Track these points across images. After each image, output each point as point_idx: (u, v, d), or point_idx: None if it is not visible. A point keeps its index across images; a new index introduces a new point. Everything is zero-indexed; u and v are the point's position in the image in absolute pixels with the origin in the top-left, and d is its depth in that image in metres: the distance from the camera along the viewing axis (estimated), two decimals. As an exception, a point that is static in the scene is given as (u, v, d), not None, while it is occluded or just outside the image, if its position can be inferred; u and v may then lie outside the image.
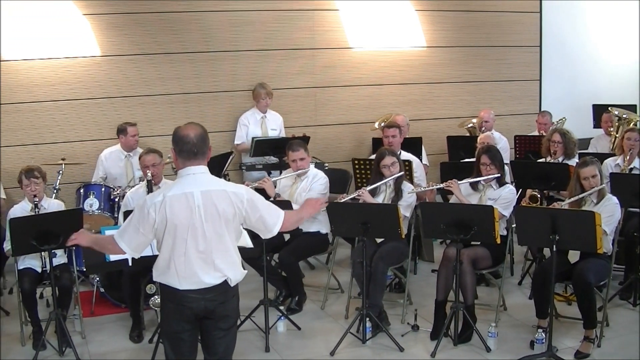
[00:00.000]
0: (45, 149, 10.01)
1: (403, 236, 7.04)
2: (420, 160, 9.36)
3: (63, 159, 9.30)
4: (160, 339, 6.26)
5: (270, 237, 5.22)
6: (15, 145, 9.96)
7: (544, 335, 6.62)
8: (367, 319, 6.98)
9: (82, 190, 8.85)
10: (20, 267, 7.37)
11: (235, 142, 10.34)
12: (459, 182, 7.50)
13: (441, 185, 7.66)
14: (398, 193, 7.56)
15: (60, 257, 7.51)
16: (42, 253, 7.11)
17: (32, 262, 7.37)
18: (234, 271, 4.83)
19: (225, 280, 4.77)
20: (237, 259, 4.90)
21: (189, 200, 4.65)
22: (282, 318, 7.43)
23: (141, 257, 5.23)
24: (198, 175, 4.75)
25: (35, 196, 7.33)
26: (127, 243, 4.77)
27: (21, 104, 9.92)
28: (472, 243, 7.07)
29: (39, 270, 7.31)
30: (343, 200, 7.51)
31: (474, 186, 7.53)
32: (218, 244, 4.73)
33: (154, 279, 4.88)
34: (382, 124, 9.84)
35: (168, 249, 4.71)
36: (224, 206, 4.72)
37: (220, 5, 10.49)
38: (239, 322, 7.23)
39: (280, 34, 10.81)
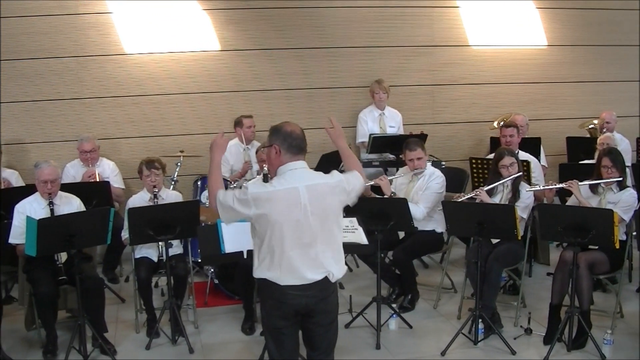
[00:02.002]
0: (164, 141, 10.27)
1: (519, 237, 6.93)
2: (539, 161, 9.22)
3: (182, 151, 9.51)
4: (262, 334, 6.41)
5: (385, 236, 5.18)
6: (135, 136, 10.25)
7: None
8: (480, 320, 6.91)
9: (199, 182, 9.02)
10: (137, 256, 7.56)
11: (359, 140, 10.41)
12: (579, 183, 7.34)
13: (561, 185, 7.50)
14: (515, 194, 7.45)
15: (177, 248, 7.65)
16: (159, 243, 7.29)
17: (148, 251, 7.55)
18: (337, 267, 4.83)
19: (327, 276, 4.77)
20: (341, 254, 4.90)
21: (294, 195, 4.65)
22: (394, 316, 7.42)
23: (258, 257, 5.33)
24: (300, 170, 4.76)
25: (154, 187, 7.51)
26: (221, 208, 4.75)
27: (141, 96, 10.23)
28: (590, 247, 6.91)
29: (155, 259, 7.51)
30: (460, 200, 7.45)
31: (594, 189, 7.35)
32: (323, 238, 4.73)
33: (254, 276, 4.87)
34: (501, 124, 9.71)
35: (270, 244, 4.70)
36: (330, 199, 4.74)
37: (339, 1, 10.53)
38: (350, 318, 7.31)
39: (400, 30, 10.80)
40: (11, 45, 9.85)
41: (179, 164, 9.34)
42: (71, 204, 7.32)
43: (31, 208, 7.10)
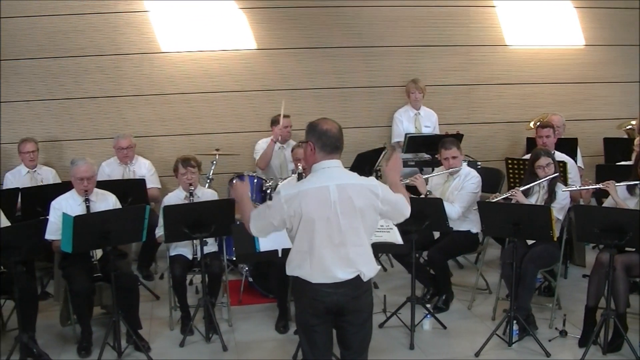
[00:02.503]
0: (200, 139, 10.32)
1: (555, 239, 6.87)
2: (575, 161, 9.12)
3: (217, 150, 9.55)
4: (296, 331, 6.43)
5: (421, 235, 5.17)
6: (171, 134, 10.30)
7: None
8: (515, 321, 6.86)
9: (234, 181, 9.00)
10: (172, 254, 7.60)
11: (394, 140, 10.39)
12: (616, 184, 7.26)
13: (598, 186, 7.41)
14: (551, 194, 7.39)
15: (211, 246, 7.67)
16: (194, 241, 7.31)
17: (183, 249, 7.58)
18: (368, 266, 4.81)
19: (358, 275, 4.76)
20: (372, 253, 4.89)
21: (324, 194, 4.67)
22: (428, 316, 7.39)
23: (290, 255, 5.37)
24: (332, 169, 4.76)
25: (190, 185, 7.53)
26: (254, 221, 4.87)
27: (177, 94, 10.31)
28: (627, 249, 6.84)
29: (190, 257, 7.53)
30: (495, 200, 7.41)
31: (631, 190, 7.25)
32: (353, 237, 4.72)
33: (287, 273, 4.90)
34: (537, 124, 9.63)
35: (302, 242, 4.73)
36: (360, 200, 4.71)
37: (378, 1, 10.53)
38: (385, 317, 7.29)
39: (436, 29, 10.77)
40: (50, 43, 9.96)
41: (214, 162, 9.39)
42: (107, 201, 7.38)
43: (67, 205, 7.16)
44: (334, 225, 4.66)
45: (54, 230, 6.92)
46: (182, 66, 10.30)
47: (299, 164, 7.63)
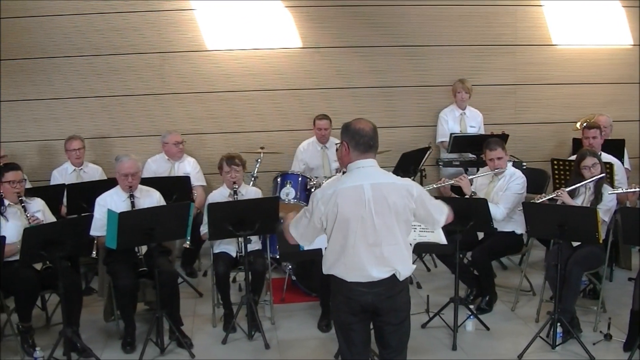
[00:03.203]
0: (245, 137, 10.36)
1: (601, 241, 6.78)
2: (622, 163, 9.03)
3: (262, 148, 9.58)
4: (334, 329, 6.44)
5: (465, 236, 5.16)
6: (216, 132, 10.36)
7: None
8: (559, 324, 6.80)
9: (279, 179, 9.03)
10: (216, 251, 7.64)
11: (439, 140, 10.37)
12: (664, 186, 7.17)
13: (645, 188, 7.35)
14: (598, 196, 7.31)
15: (255, 244, 7.67)
16: (238, 238, 7.33)
17: (227, 246, 7.61)
18: (403, 265, 4.82)
19: (394, 274, 4.79)
20: (407, 253, 4.89)
21: (359, 193, 4.68)
22: (471, 317, 7.35)
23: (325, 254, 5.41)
24: (367, 168, 4.78)
25: (234, 183, 7.55)
26: (295, 228, 4.92)
27: (223, 92, 10.36)
28: (675, 252, 6.77)
29: (234, 255, 7.56)
30: (540, 201, 7.36)
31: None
32: (388, 236, 4.73)
33: (323, 272, 4.93)
34: (584, 124, 9.53)
35: (337, 241, 4.76)
36: (394, 199, 4.71)
37: (423, 0, 10.47)
38: (427, 318, 7.27)
39: (482, 29, 10.70)
40: (97, 41, 10.09)
41: (259, 160, 9.40)
42: (151, 198, 7.43)
43: (112, 201, 7.23)
44: (368, 224, 4.68)
45: (98, 226, 6.99)
46: (228, 64, 10.35)
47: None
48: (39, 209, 7.26)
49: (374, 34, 10.51)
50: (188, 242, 7.73)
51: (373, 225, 4.68)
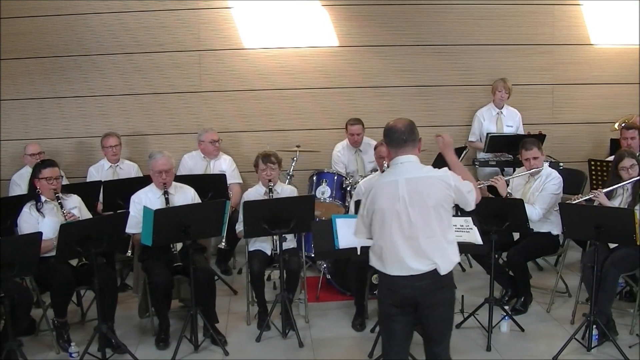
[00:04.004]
0: (281, 135, 10.37)
1: (638, 242, 6.71)
2: (662, 164, 8.94)
3: (298, 146, 9.57)
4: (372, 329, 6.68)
5: (500, 236, 5.20)
6: (252, 130, 10.39)
7: None
8: (594, 326, 6.72)
9: (314, 178, 9.04)
10: (251, 249, 7.64)
11: (470, 139, 10.30)
12: None
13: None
14: (635, 197, 7.24)
15: (290, 242, 7.70)
16: (273, 236, 7.34)
17: (262, 244, 7.62)
18: (443, 259, 4.91)
19: (435, 268, 4.87)
20: (447, 246, 4.97)
21: (394, 188, 4.87)
22: (506, 318, 7.30)
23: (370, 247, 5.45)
24: (406, 164, 4.96)
25: (270, 181, 7.56)
26: (358, 231, 5.20)
27: (260, 91, 10.38)
28: None
29: (269, 253, 7.57)
30: (576, 202, 7.30)
31: None
32: (424, 229, 4.85)
33: (370, 263, 5.13)
34: (622, 125, 9.44)
35: (377, 234, 4.98)
36: (431, 192, 4.86)
37: (459, -1, 10.46)
38: (462, 318, 7.24)
39: (520, 28, 10.63)
40: (132, 39, 10.16)
41: (295, 158, 9.41)
42: (185, 194, 7.47)
43: (146, 198, 7.28)
44: (404, 218, 4.83)
45: (134, 223, 7.04)
46: (264, 63, 10.38)
47: (384, 162, 7.62)
48: (76, 206, 7.33)
49: (411, 33, 10.48)
50: (224, 243, 7.77)
51: (408, 218, 4.82)
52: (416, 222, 4.82)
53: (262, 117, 10.47)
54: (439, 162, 8.59)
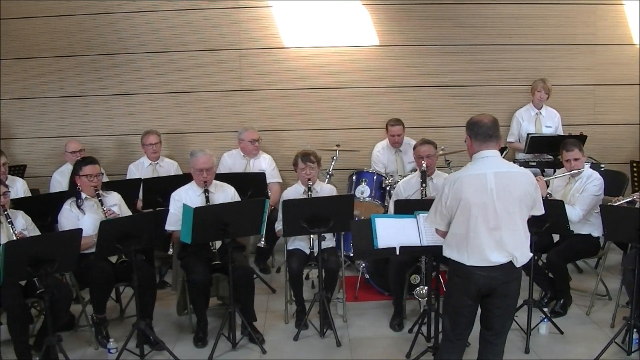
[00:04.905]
0: (321, 134, 10.38)
1: (680, 246, 6.67)
2: None
3: (338, 145, 9.57)
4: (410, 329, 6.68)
5: (540, 238, 5.22)
6: (292, 129, 10.41)
7: None
8: (635, 330, 6.66)
9: (354, 177, 9.03)
10: (290, 248, 7.66)
11: (508, 140, 10.23)
12: None
13: None
14: (678, 200, 7.18)
15: (329, 241, 7.69)
16: (312, 235, 7.33)
17: (301, 243, 7.63)
18: (521, 252, 5.15)
19: (511, 260, 5.10)
20: (526, 240, 5.21)
21: (482, 180, 5.05)
22: (545, 320, 7.25)
23: (408, 247, 5.73)
24: (491, 158, 5.15)
25: (309, 180, 7.56)
26: (431, 210, 5.35)
27: (300, 89, 10.42)
28: None
29: (308, 251, 7.56)
30: (618, 204, 7.23)
31: None
32: (508, 222, 5.06)
33: (443, 254, 5.32)
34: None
35: (460, 225, 5.12)
36: (516, 187, 5.08)
37: (500, -1, 10.40)
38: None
39: (561, 28, 10.54)
40: (173, 38, 10.24)
41: (334, 157, 9.40)
42: (225, 193, 7.50)
43: (186, 196, 7.31)
44: (490, 210, 5.03)
45: (173, 221, 7.08)
46: (304, 62, 10.39)
47: (422, 162, 7.60)
48: (115, 203, 7.39)
49: (452, 32, 10.44)
50: (263, 242, 7.79)
51: (494, 210, 5.03)
52: (501, 215, 5.02)
53: (302, 116, 10.49)
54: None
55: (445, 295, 5.51)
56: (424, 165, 7.56)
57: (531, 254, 5.26)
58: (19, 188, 8.29)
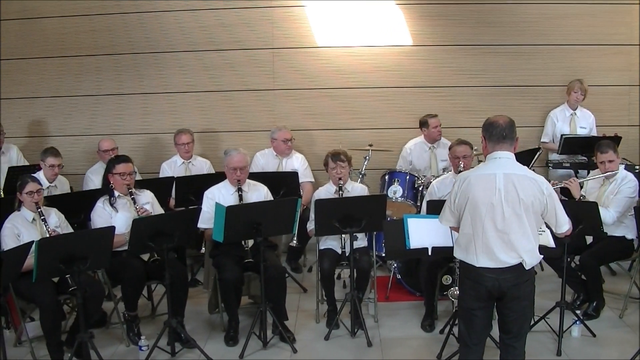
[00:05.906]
0: (354, 134, 10.37)
1: None
2: None
3: (370, 145, 9.55)
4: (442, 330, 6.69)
5: (573, 239, 5.21)
6: (325, 129, 10.40)
7: None
8: (669, 333, 6.63)
9: (387, 177, 9.03)
10: (322, 247, 7.66)
11: (542, 140, 10.17)
12: None
13: None
14: None
15: (361, 241, 7.67)
16: (344, 235, 7.33)
17: (332, 242, 7.62)
18: (530, 254, 5.08)
19: (521, 262, 5.04)
20: (535, 244, 5.12)
21: (491, 180, 5.05)
22: (577, 322, 7.21)
23: (441, 247, 5.82)
24: (503, 159, 5.13)
25: (340, 179, 7.56)
26: (445, 207, 5.38)
27: (333, 89, 10.42)
28: None
29: (339, 251, 7.51)
30: (652, 206, 7.19)
31: None
32: (516, 225, 5.01)
33: (454, 255, 5.33)
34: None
35: (468, 225, 5.14)
36: (525, 190, 5.01)
37: (535, -2, 10.34)
38: (532, 322, 7.16)
39: (596, 28, 10.44)
40: (206, 37, 10.30)
41: (367, 157, 9.39)
42: (259, 192, 7.53)
43: (219, 194, 7.35)
44: (498, 211, 5.01)
45: (206, 219, 7.13)
46: (337, 61, 10.39)
47: (460, 162, 7.57)
48: (148, 201, 7.44)
49: (486, 32, 10.39)
50: (295, 241, 7.81)
51: (502, 212, 5.01)
52: (509, 217, 4.99)
53: (335, 115, 10.49)
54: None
55: (459, 297, 5.52)
56: (462, 165, 7.54)
57: (541, 256, 5.22)
58: (12, 156, 8.69)
